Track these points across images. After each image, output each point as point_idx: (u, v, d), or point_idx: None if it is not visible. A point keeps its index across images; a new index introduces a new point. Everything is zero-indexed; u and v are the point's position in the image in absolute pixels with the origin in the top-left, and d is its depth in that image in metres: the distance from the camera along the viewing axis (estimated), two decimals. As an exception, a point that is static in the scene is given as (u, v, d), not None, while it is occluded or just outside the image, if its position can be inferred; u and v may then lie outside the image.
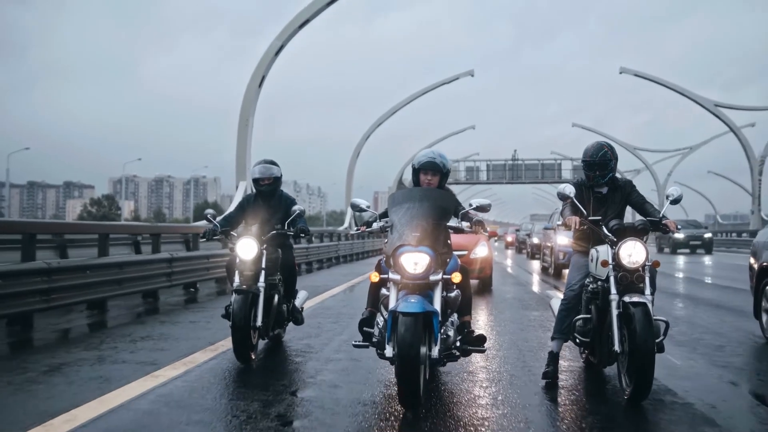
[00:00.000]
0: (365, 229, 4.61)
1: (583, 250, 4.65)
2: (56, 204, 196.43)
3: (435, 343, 3.79)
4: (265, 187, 5.69)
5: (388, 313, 3.85)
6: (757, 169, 40.41)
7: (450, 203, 4.33)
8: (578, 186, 4.68)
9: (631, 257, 4.10)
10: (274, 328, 5.61)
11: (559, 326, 4.63)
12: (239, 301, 4.99)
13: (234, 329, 4.96)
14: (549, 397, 4.24)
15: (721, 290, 12.07)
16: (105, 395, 4.07)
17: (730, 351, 5.87)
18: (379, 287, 4.26)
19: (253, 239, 5.26)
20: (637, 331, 3.82)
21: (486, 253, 11.35)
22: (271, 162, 5.78)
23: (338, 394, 4.21)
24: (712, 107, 40.10)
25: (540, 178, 51.74)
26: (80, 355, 5.43)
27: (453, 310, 4.25)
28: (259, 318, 5.10)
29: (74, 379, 4.63)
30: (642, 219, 4.48)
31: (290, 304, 5.82)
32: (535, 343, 6.09)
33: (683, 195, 4.55)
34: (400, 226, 4.03)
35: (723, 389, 4.54)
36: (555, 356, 4.60)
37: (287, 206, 5.68)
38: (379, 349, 4.01)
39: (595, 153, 4.56)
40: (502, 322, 7.63)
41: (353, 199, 4.62)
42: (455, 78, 38.95)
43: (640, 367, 3.81)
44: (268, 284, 5.28)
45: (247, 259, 5.20)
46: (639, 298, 3.98)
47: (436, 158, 4.43)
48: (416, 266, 3.87)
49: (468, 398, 4.17)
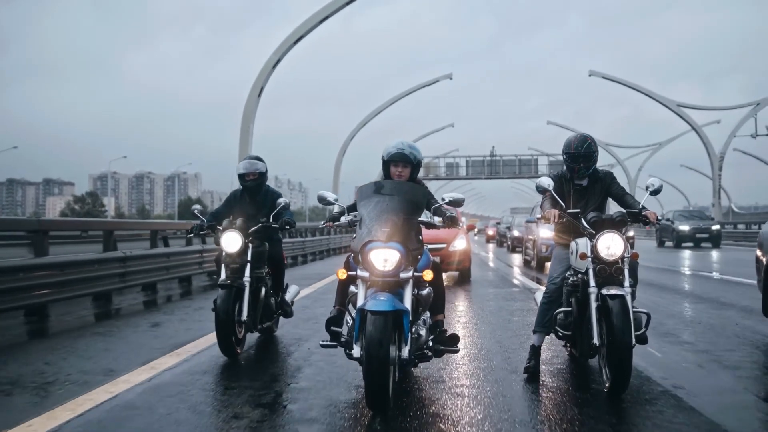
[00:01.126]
0: (332, 224, 4.38)
1: (564, 243, 4.57)
2: (35, 201, 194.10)
3: (405, 343, 3.64)
4: (251, 183, 5.72)
5: (356, 311, 3.68)
6: (717, 165, 42.38)
7: (421, 197, 4.13)
8: (558, 178, 4.61)
9: (609, 249, 4.03)
10: (263, 321, 5.58)
11: (541, 319, 4.56)
12: (223, 295, 5.00)
13: (218, 323, 4.94)
14: (531, 390, 4.14)
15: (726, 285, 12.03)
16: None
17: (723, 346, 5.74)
18: (348, 284, 4.08)
19: (237, 232, 5.25)
20: (614, 323, 3.78)
21: (464, 245, 11.61)
22: (256, 158, 5.83)
23: (309, 395, 4.02)
24: (675, 107, 42.00)
25: (518, 174, 53.44)
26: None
27: (425, 308, 4.10)
28: (244, 312, 5.08)
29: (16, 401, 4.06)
30: (620, 211, 4.38)
31: (279, 297, 5.83)
32: (517, 337, 5.95)
33: (663, 186, 4.44)
34: (369, 221, 3.86)
35: (694, 373, 4.53)
36: (537, 350, 4.54)
37: (273, 200, 5.70)
38: (348, 349, 3.84)
39: (579, 145, 4.43)
40: (483, 316, 7.49)
41: (320, 191, 4.39)
42: (435, 81, 40.49)
43: (618, 359, 3.77)
44: (254, 277, 5.28)
45: (231, 252, 5.21)
46: (617, 290, 3.92)
47: (406, 149, 4.23)
48: (386, 263, 3.71)
49: (442, 397, 4.00)
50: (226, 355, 5.00)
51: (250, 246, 5.27)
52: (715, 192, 43.03)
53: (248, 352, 5.44)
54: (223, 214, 5.73)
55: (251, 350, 5.52)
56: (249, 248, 5.26)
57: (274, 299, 5.74)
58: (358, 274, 3.79)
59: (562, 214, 4.35)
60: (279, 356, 5.42)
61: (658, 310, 7.30)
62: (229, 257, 5.21)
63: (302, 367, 4.82)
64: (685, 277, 13.26)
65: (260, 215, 5.61)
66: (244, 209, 5.64)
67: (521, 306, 8.14)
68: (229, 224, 5.37)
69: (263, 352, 5.58)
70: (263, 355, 5.50)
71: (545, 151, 55.07)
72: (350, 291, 4.03)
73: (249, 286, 5.17)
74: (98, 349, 5.61)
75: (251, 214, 5.59)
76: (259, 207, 5.69)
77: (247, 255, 5.23)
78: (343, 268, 3.95)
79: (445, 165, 54.79)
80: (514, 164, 52.73)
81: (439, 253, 10.83)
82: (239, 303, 5.09)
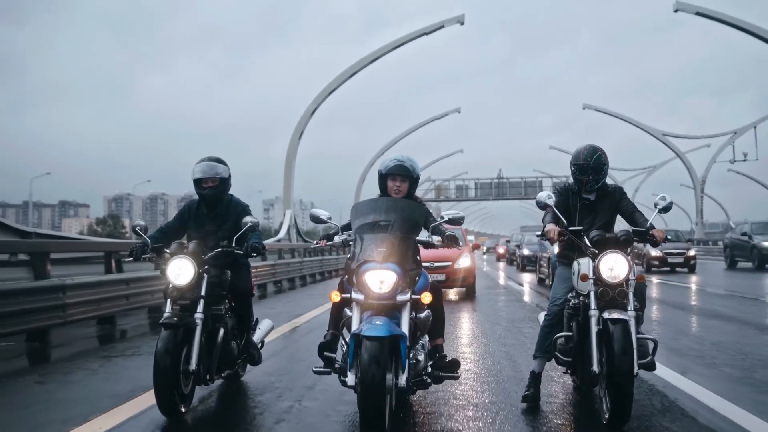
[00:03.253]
0: (326, 243, 4.19)
1: (568, 262, 4.32)
2: (52, 223, 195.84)
3: (403, 369, 3.46)
4: (209, 191, 4.55)
5: (350, 336, 3.51)
6: (699, 187, 45.73)
7: (420, 215, 3.96)
8: (564, 192, 4.37)
9: (612, 271, 3.77)
10: (222, 369, 4.45)
11: (542, 344, 4.29)
12: (165, 338, 3.92)
13: (157, 373, 3.86)
14: (529, 422, 3.88)
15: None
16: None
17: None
18: (342, 307, 3.88)
19: (189, 260, 4.15)
20: (614, 350, 3.52)
21: (469, 263, 12.30)
22: (216, 159, 4.64)
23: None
24: (661, 136, 45.14)
25: (524, 195, 55.70)
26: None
27: (423, 332, 3.90)
28: (193, 359, 3.99)
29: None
30: (625, 229, 4.11)
31: (243, 338, 4.73)
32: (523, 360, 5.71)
33: (672, 203, 4.20)
34: (364, 240, 3.69)
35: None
36: (537, 377, 4.27)
37: (238, 215, 4.59)
38: (342, 375, 3.65)
39: (589, 156, 4.18)
40: (491, 337, 7.27)
41: (313, 209, 4.22)
42: (444, 115, 43.92)
43: (618, 389, 3.51)
44: (211, 316, 4.26)
45: (180, 286, 4.12)
46: (619, 314, 3.66)
47: (406, 162, 4.06)
48: (382, 285, 3.53)
49: (442, 427, 3.79)
50: (166, 415, 3.92)
51: (205, 277, 4.20)
52: (698, 212, 46.08)
53: (203, 406, 4.35)
54: (173, 231, 4.69)
55: (207, 404, 4.41)
56: (204, 279, 4.19)
57: (236, 342, 4.60)
58: (353, 297, 3.61)
59: (562, 232, 4.12)
60: (244, 413, 4.24)
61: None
62: (176, 291, 4.12)
63: (273, 429, 3.85)
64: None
65: (221, 232, 4.53)
66: (201, 225, 4.60)
67: (531, 330, 7.89)
68: (178, 248, 4.27)
69: (223, 406, 4.44)
70: (221, 411, 4.34)
71: (550, 173, 57.70)
72: (344, 314, 3.84)
73: (202, 325, 4.08)
74: (17, 407, 4.44)
75: (210, 231, 4.56)
76: (221, 222, 4.61)
77: (200, 288, 4.15)
78: (336, 291, 3.81)
79: (455, 187, 57.29)
80: (520, 186, 55.19)
81: (445, 270, 11.49)
82: (187, 348, 4.01)
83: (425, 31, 28.46)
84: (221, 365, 4.40)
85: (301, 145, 28.36)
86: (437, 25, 28.43)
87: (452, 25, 28.57)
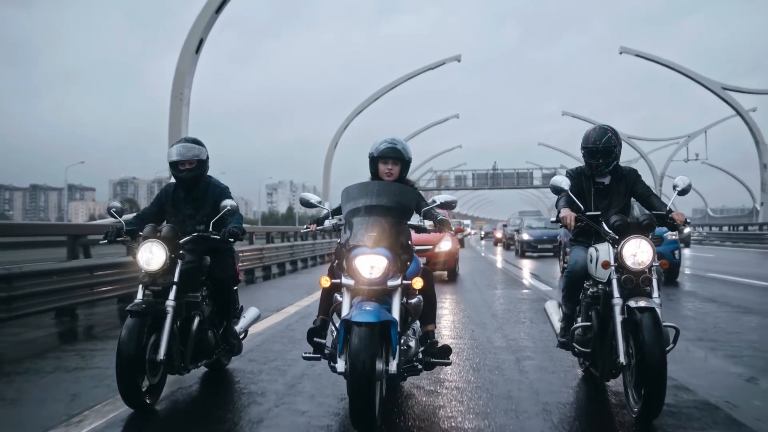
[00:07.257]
0: (316, 228, 3.98)
1: (583, 244, 4.14)
2: (58, 206, 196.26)
3: (393, 355, 3.33)
4: (186, 173, 4.36)
5: (340, 322, 3.35)
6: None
7: (411, 199, 3.80)
8: (577, 176, 4.19)
9: (636, 257, 3.54)
10: (199, 359, 4.23)
11: (569, 296, 4.15)
12: (130, 325, 3.68)
13: (119, 362, 3.63)
14: (543, 414, 3.62)
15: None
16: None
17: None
18: (331, 293, 3.79)
19: (160, 244, 3.94)
20: (645, 340, 3.29)
21: (450, 246, 12.46)
22: (193, 140, 4.47)
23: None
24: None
25: (516, 185, 63.33)
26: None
27: (414, 318, 3.83)
28: (162, 348, 3.75)
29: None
30: (647, 213, 3.86)
31: (221, 327, 4.49)
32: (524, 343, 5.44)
33: (691, 185, 3.96)
34: (354, 225, 3.54)
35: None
36: (570, 317, 4.18)
37: (216, 198, 4.41)
38: (331, 362, 3.54)
39: (598, 138, 4.03)
40: (486, 322, 6.99)
41: (303, 193, 4.02)
42: (444, 120, 49.67)
43: (650, 380, 3.28)
44: (186, 303, 4.09)
45: (152, 271, 3.92)
46: (646, 302, 3.43)
47: (398, 144, 3.97)
48: (372, 270, 3.41)
49: (435, 413, 3.62)
50: (131, 407, 3.68)
51: (179, 262, 3.98)
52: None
53: (180, 395, 4.10)
54: (150, 217, 4.48)
55: (190, 393, 4.17)
56: (177, 265, 3.97)
57: (212, 332, 4.35)
58: (343, 282, 3.49)
59: (579, 217, 3.89)
60: (224, 406, 3.92)
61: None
62: (148, 277, 3.91)
63: (257, 426, 3.53)
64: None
65: (199, 216, 4.38)
66: (179, 209, 4.45)
67: (530, 317, 7.65)
68: (151, 231, 4.04)
69: (201, 398, 4.16)
70: (198, 404, 4.04)
71: (539, 165, 64.28)
72: (335, 299, 3.74)
73: (173, 313, 3.86)
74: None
75: (188, 215, 4.41)
76: (198, 206, 4.43)
77: (173, 274, 3.94)
78: (326, 276, 3.66)
79: (454, 177, 63.25)
80: (512, 176, 61.81)
81: (425, 254, 11.51)
82: (156, 336, 3.81)
83: (431, 66, 35.30)
84: (197, 354, 4.20)
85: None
86: (439, 62, 35.43)
87: (451, 62, 35.29)
